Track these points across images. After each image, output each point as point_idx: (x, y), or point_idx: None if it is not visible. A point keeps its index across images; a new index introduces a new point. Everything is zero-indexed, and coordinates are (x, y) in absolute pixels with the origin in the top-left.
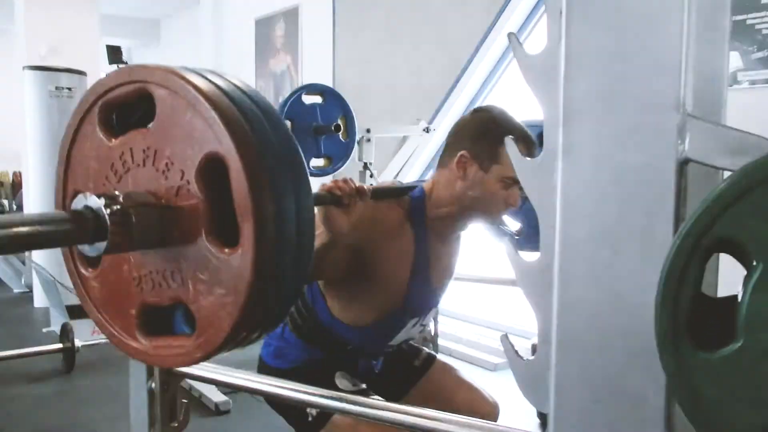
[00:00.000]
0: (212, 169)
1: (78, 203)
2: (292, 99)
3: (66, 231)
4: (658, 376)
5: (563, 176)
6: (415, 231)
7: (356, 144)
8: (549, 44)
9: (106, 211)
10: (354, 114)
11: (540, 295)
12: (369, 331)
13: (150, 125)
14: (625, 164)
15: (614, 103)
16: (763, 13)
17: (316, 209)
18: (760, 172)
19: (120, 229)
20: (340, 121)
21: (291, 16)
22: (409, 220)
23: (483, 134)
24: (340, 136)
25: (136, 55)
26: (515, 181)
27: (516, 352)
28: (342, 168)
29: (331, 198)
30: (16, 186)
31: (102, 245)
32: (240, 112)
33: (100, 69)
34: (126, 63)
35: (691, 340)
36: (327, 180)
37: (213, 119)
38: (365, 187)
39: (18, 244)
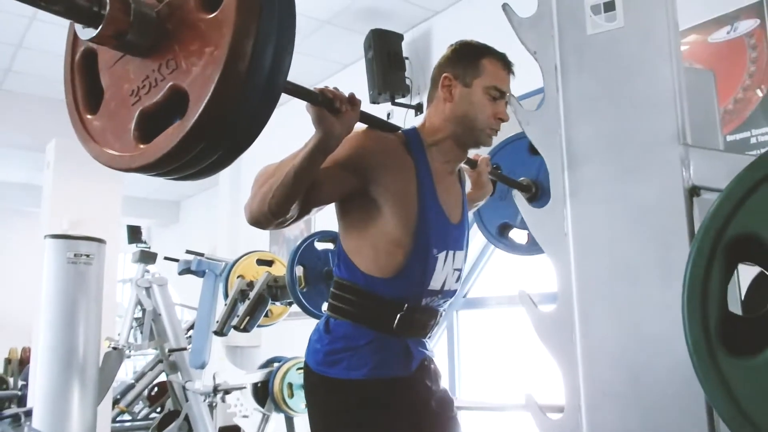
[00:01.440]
0: None
1: None
2: (304, 245)
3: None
4: (697, 411)
5: (573, 219)
6: (414, 158)
7: None
8: (547, 98)
9: None
10: None
11: (562, 344)
12: (405, 274)
13: None
14: (634, 199)
15: (616, 142)
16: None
17: (309, 110)
18: (766, 166)
19: (118, 12)
20: None
21: None
22: (406, 148)
23: (460, 55)
24: None
25: (155, 233)
26: (501, 92)
27: (543, 412)
28: None
29: (322, 98)
30: (24, 362)
31: (94, 32)
32: None
33: (119, 245)
34: (145, 242)
35: (725, 346)
36: None
37: None
38: (357, 98)
39: None
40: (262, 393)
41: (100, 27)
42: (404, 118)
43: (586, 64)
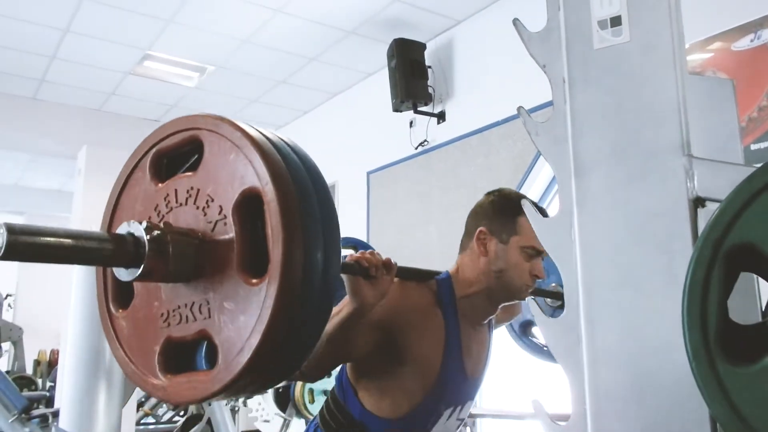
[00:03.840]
0: (248, 205)
1: (122, 229)
2: None
3: (106, 250)
4: (701, 420)
5: (580, 228)
6: (444, 314)
7: None
8: (555, 110)
9: (146, 237)
10: None
11: (569, 350)
12: (403, 423)
13: (196, 169)
14: (639, 209)
15: (621, 153)
16: None
17: (343, 278)
18: (765, 175)
19: (156, 255)
20: None
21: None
22: (437, 303)
23: (498, 209)
24: None
25: None
26: (537, 251)
27: (550, 418)
28: None
29: (358, 268)
30: (52, 364)
31: (137, 271)
32: (280, 155)
33: None
34: None
35: (724, 354)
36: None
37: (255, 158)
38: (393, 262)
39: (61, 255)
40: (284, 398)
41: (140, 268)
42: (426, 126)
43: (593, 77)
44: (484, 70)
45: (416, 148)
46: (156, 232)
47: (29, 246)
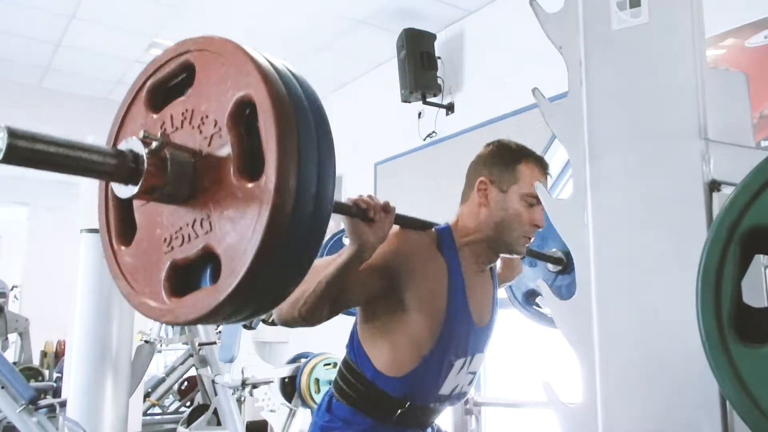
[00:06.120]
0: (242, 113)
1: (122, 145)
2: (332, 241)
3: (107, 164)
4: (711, 402)
5: (593, 210)
6: (446, 257)
7: None
8: (570, 92)
9: (145, 150)
10: None
11: (580, 332)
12: (416, 377)
13: (189, 91)
14: (653, 192)
15: (637, 136)
16: None
17: (343, 221)
18: None
19: (155, 169)
20: None
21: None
22: (438, 248)
23: (498, 159)
24: None
25: None
26: (537, 200)
27: (560, 399)
28: None
29: (356, 210)
30: (59, 354)
31: (135, 188)
32: (270, 64)
33: None
34: None
35: (737, 334)
36: None
37: (246, 66)
38: (391, 205)
39: (63, 164)
40: (290, 388)
41: (139, 184)
42: (435, 117)
43: (610, 58)
44: (495, 62)
45: (424, 140)
46: (154, 144)
47: (31, 152)
